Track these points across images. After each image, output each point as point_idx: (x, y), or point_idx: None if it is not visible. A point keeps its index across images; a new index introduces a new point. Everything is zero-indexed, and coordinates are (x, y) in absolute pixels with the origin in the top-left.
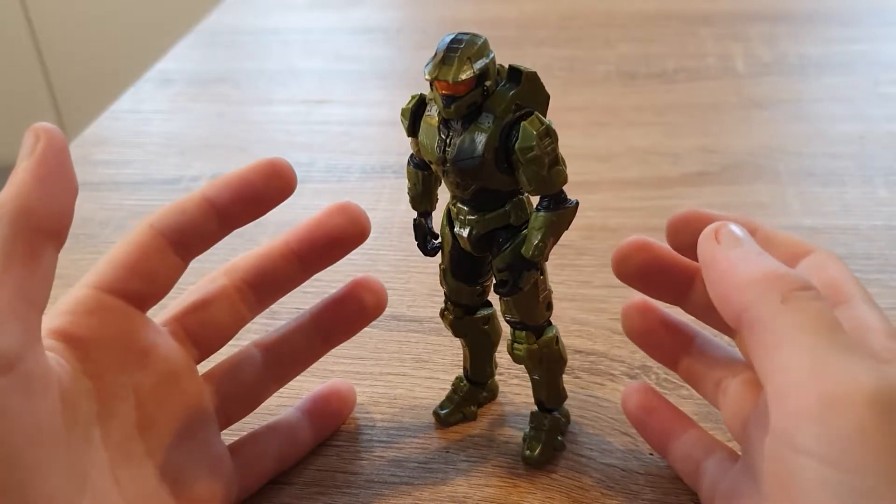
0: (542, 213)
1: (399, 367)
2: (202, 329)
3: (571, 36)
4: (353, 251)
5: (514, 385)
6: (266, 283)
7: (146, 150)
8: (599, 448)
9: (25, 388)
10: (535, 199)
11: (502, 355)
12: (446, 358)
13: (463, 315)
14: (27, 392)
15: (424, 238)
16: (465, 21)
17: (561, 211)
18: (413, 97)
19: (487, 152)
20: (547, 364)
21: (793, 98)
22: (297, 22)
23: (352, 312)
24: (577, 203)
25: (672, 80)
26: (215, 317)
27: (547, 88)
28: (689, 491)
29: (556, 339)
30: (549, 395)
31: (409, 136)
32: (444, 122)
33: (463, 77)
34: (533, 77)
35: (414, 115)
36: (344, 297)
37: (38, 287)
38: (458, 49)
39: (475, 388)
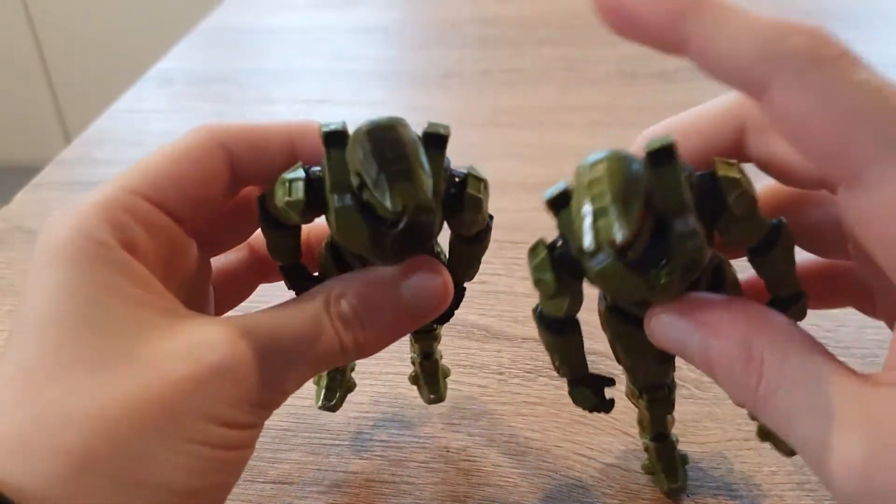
0: (478, 246)
1: (399, 366)
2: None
3: (571, 35)
4: None
5: (514, 385)
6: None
7: (147, 149)
8: (600, 448)
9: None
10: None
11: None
12: (446, 357)
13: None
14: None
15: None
16: (464, 20)
17: (487, 240)
18: (295, 182)
19: (436, 228)
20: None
21: None
22: (297, 21)
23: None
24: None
25: (672, 79)
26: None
27: (547, 88)
28: (689, 491)
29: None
30: None
31: (300, 220)
32: (368, 214)
33: (430, 192)
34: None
35: (314, 195)
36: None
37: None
38: (400, 150)
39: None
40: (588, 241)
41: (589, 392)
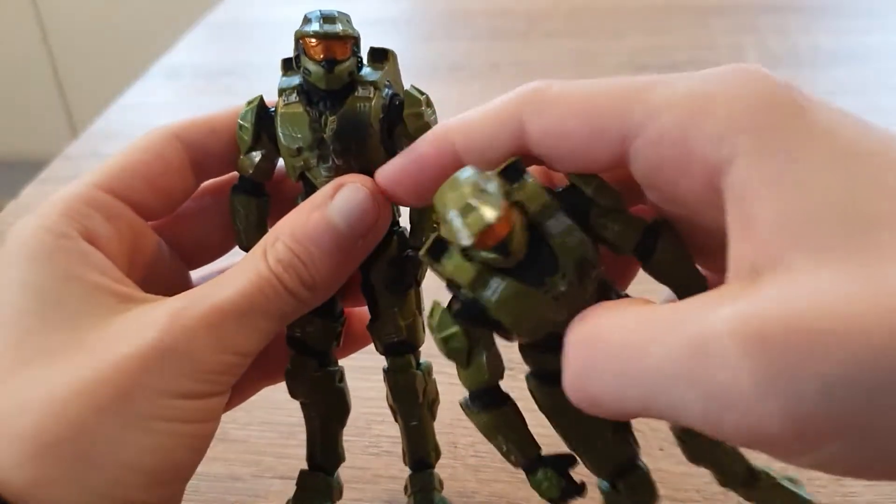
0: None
1: None
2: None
3: (581, 27)
4: None
5: (523, 381)
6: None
7: None
8: None
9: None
10: None
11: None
12: None
13: (318, 368)
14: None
15: None
16: (473, 12)
17: None
18: (249, 103)
19: (374, 122)
20: (432, 399)
21: (804, 90)
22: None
23: None
24: None
25: (682, 71)
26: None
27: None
28: (696, 487)
29: (431, 370)
30: (430, 442)
31: (247, 152)
32: (310, 103)
33: (350, 32)
34: (395, 57)
35: (258, 123)
36: None
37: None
38: (334, 15)
39: (326, 480)
40: (465, 236)
41: (553, 476)
